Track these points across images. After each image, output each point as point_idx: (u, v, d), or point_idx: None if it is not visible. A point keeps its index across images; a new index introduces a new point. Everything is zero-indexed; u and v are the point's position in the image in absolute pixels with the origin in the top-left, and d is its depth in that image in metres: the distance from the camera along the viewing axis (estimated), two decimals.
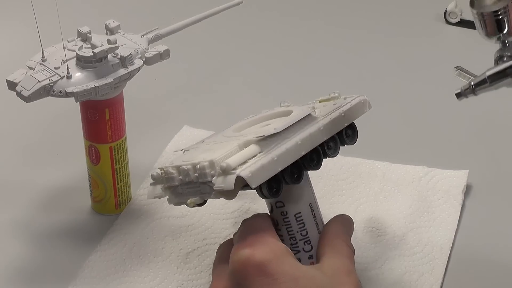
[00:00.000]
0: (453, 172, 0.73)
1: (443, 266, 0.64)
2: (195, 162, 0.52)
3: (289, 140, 0.53)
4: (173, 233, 0.66)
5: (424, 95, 0.89)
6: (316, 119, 0.56)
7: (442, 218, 0.68)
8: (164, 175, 0.54)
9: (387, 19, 1.05)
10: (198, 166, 0.52)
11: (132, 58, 0.62)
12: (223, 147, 0.54)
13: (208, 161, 0.52)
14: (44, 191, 0.72)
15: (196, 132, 0.79)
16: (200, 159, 0.53)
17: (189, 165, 0.53)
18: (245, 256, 0.50)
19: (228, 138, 0.58)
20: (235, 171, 0.50)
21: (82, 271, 0.63)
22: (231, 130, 0.61)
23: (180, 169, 0.53)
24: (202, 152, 0.55)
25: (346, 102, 0.58)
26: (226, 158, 0.52)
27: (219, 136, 0.60)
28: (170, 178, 0.54)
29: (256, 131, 0.57)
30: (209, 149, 0.56)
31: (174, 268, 0.63)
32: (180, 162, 0.54)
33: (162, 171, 0.55)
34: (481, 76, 0.62)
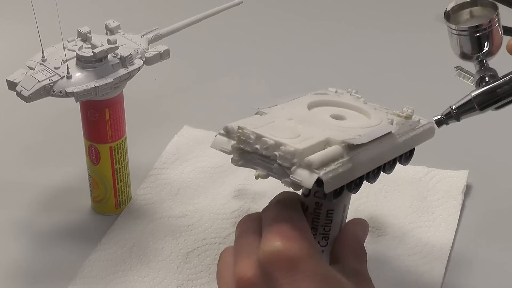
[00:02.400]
0: (453, 172, 0.74)
1: (443, 266, 0.64)
2: (280, 142, 0.50)
3: (367, 152, 0.52)
4: (173, 233, 0.67)
5: (424, 95, 0.89)
6: (393, 137, 0.55)
7: (442, 218, 0.68)
8: (241, 137, 0.51)
9: (387, 19, 1.05)
10: (284, 148, 0.49)
11: (132, 58, 0.62)
12: (307, 133, 0.52)
13: (294, 148, 0.49)
14: (44, 191, 0.72)
15: (196, 132, 0.79)
16: (285, 138, 0.50)
17: (273, 141, 0.50)
18: (279, 248, 0.48)
19: (307, 120, 0.55)
20: (318, 171, 0.49)
21: (82, 271, 0.63)
22: (305, 105, 0.57)
23: (262, 140, 0.50)
24: (286, 129, 0.52)
25: (419, 125, 0.58)
26: (311, 152, 0.50)
27: (293, 107, 0.57)
28: (247, 142, 0.51)
29: (335, 124, 0.55)
30: (292, 128, 0.52)
31: (174, 267, 0.63)
32: (263, 132, 0.50)
33: (241, 131, 0.51)
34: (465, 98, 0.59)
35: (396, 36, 1.01)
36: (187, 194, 0.71)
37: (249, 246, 0.51)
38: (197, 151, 0.76)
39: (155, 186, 0.72)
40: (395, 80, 0.92)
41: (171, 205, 0.70)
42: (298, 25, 1.03)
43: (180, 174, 0.74)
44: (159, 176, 0.73)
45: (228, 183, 0.72)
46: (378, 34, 1.02)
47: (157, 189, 0.72)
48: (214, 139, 0.52)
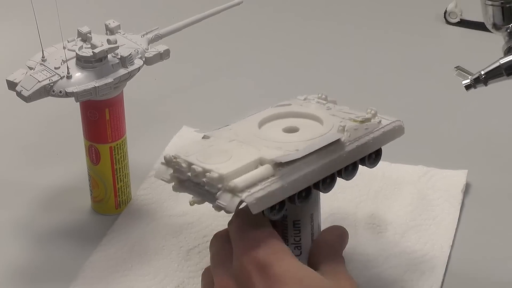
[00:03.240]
0: (452, 171, 0.74)
1: (443, 264, 0.64)
2: (206, 168, 0.51)
3: (307, 165, 0.52)
4: (173, 231, 0.67)
5: (423, 95, 0.89)
6: (343, 145, 0.54)
7: (442, 217, 0.69)
8: (175, 165, 0.53)
9: (387, 19, 1.05)
10: (209, 174, 0.50)
11: (132, 58, 0.62)
12: (240, 154, 0.52)
13: (218, 174, 0.50)
14: (44, 191, 0.72)
15: (195, 133, 0.79)
16: (213, 164, 0.51)
17: (200, 168, 0.51)
18: (249, 259, 0.50)
19: (248, 139, 0.55)
20: (241, 194, 0.49)
21: (83, 271, 0.63)
22: (256, 122, 0.58)
23: (192, 168, 0.52)
24: (219, 153, 0.53)
25: (379, 127, 0.57)
26: (238, 175, 0.50)
27: (242, 126, 0.57)
28: (180, 171, 0.53)
29: (278, 140, 0.55)
30: (226, 151, 0.53)
31: (175, 266, 0.63)
32: (194, 159, 0.52)
33: (175, 160, 0.53)
34: (494, 65, 0.61)
35: (396, 36, 1.01)
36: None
37: (223, 265, 0.52)
38: None
39: (155, 187, 0.72)
40: (395, 80, 0.92)
41: (171, 204, 0.70)
42: (298, 26, 1.04)
43: None
44: None
45: None
46: (378, 34, 1.02)
47: (157, 190, 0.71)
48: (157, 169, 0.54)
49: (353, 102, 0.66)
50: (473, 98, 0.88)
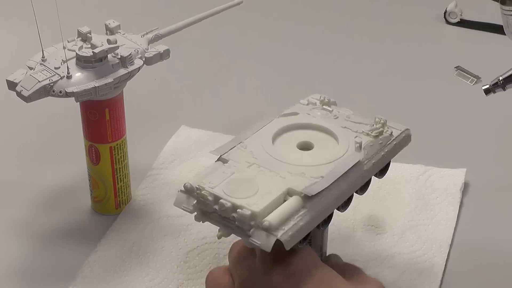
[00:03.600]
0: (450, 170, 0.74)
1: (442, 263, 0.64)
2: (237, 204, 0.49)
3: (331, 191, 0.51)
4: (172, 232, 0.66)
5: (423, 94, 0.89)
6: (361, 164, 0.54)
7: (441, 216, 0.69)
8: (199, 197, 0.51)
9: (387, 19, 1.05)
10: (240, 212, 0.49)
11: (132, 58, 0.62)
12: (266, 185, 0.51)
13: (250, 211, 0.49)
14: (44, 191, 0.72)
15: (193, 132, 0.79)
16: (242, 199, 0.50)
17: (230, 204, 0.50)
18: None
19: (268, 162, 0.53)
20: (276, 233, 0.48)
21: (82, 272, 0.63)
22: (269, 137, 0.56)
23: (220, 203, 0.50)
24: (244, 184, 0.51)
25: (391, 139, 0.56)
26: (269, 211, 0.49)
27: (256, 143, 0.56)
28: (205, 203, 0.51)
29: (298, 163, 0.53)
30: (251, 181, 0.52)
31: (174, 267, 0.63)
32: (221, 193, 0.50)
33: (199, 192, 0.51)
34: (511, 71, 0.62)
35: (396, 36, 1.01)
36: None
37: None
38: (195, 151, 0.76)
39: (153, 187, 0.72)
40: (395, 80, 0.92)
41: (170, 205, 0.69)
42: (298, 26, 1.03)
43: (179, 174, 0.73)
44: (158, 176, 0.73)
45: None
46: (378, 34, 1.02)
47: (156, 190, 0.71)
48: (176, 196, 0.52)
49: (353, 102, 0.66)
50: (471, 98, 0.88)
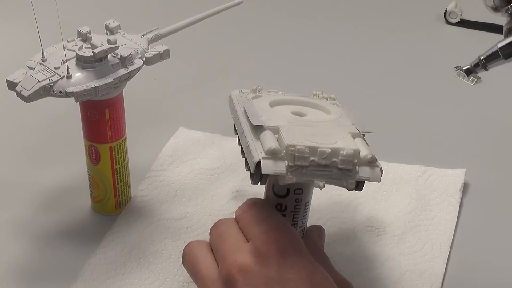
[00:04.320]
0: (450, 171, 0.74)
1: (443, 264, 0.64)
2: (336, 147, 0.52)
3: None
4: (172, 235, 0.66)
5: (423, 94, 0.89)
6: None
7: (441, 217, 0.69)
8: (294, 153, 0.51)
9: (387, 19, 1.05)
10: (344, 153, 0.52)
11: (132, 58, 0.62)
12: (337, 134, 0.55)
13: (353, 149, 0.52)
14: (44, 191, 0.72)
15: (192, 133, 0.79)
16: (333, 144, 0.52)
17: (329, 149, 0.52)
18: (268, 242, 0.51)
19: (297, 118, 0.58)
20: (377, 163, 0.52)
21: (82, 275, 0.63)
22: (267, 103, 0.61)
23: (319, 151, 0.52)
24: (322, 135, 0.54)
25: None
26: (361, 149, 0.53)
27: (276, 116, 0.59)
28: (303, 158, 0.52)
29: (318, 119, 0.59)
30: (322, 131, 0.55)
31: (175, 270, 0.63)
32: (311, 143, 0.52)
33: (293, 148, 0.51)
34: (492, 49, 0.62)
35: (396, 36, 1.01)
36: (185, 196, 0.71)
37: (235, 240, 0.53)
38: (194, 153, 0.76)
39: (152, 188, 0.72)
40: (395, 80, 0.92)
41: (170, 207, 0.70)
42: (298, 26, 1.04)
43: (178, 175, 0.73)
44: (157, 178, 0.73)
45: (226, 185, 0.72)
46: (378, 34, 1.02)
47: (155, 191, 0.71)
48: (262, 163, 0.52)
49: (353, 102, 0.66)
50: (471, 98, 0.88)
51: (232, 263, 0.51)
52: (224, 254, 0.53)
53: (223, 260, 0.52)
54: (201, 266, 0.54)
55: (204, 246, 0.56)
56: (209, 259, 0.54)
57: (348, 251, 0.65)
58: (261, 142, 0.53)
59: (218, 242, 0.55)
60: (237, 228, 0.55)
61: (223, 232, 0.55)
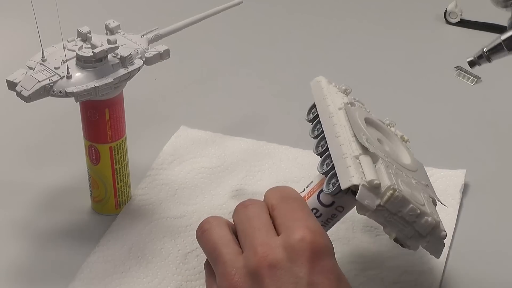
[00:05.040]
0: (450, 171, 0.74)
1: (442, 265, 0.64)
2: (424, 211, 0.53)
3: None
4: (171, 233, 0.66)
5: (423, 94, 0.89)
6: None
7: (440, 217, 0.68)
8: (390, 197, 0.51)
9: (387, 19, 1.05)
10: (429, 220, 0.53)
11: (132, 58, 0.62)
12: (420, 196, 0.55)
13: (435, 221, 0.53)
14: (44, 191, 0.72)
15: (193, 132, 0.79)
16: (422, 205, 0.53)
17: (419, 211, 0.52)
18: (309, 239, 0.50)
19: (394, 163, 0.57)
20: (444, 243, 0.56)
21: (80, 273, 0.63)
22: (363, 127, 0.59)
23: (410, 207, 0.52)
24: (416, 193, 0.54)
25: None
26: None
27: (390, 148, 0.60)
28: (393, 204, 0.52)
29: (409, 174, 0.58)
30: (417, 189, 0.56)
31: (173, 268, 0.63)
32: (407, 195, 0.52)
33: (392, 192, 0.51)
34: (496, 41, 0.61)
35: (396, 36, 1.01)
36: (185, 194, 0.71)
37: (266, 230, 0.51)
38: (195, 152, 0.76)
39: (152, 187, 0.72)
40: (395, 80, 0.92)
41: (169, 205, 0.70)
42: (298, 26, 1.04)
43: (178, 174, 0.73)
44: (157, 176, 0.73)
45: (226, 183, 0.72)
46: (378, 34, 1.02)
47: (155, 190, 0.71)
48: (360, 190, 0.51)
49: None
50: (471, 98, 0.88)
51: (263, 256, 0.49)
52: (254, 244, 0.50)
53: (252, 250, 0.50)
54: (224, 251, 0.51)
55: (225, 225, 0.53)
56: (232, 243, 0.52)
57: (347, 251, 0.65)
58: (362, 165, 0.53)
59: (247, 226, 0.52)
60: (268, 215, 0.53)
61: (253, 216, 0.53)
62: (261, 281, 0.48)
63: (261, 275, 0.48)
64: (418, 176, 0.59)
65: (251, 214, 0.53)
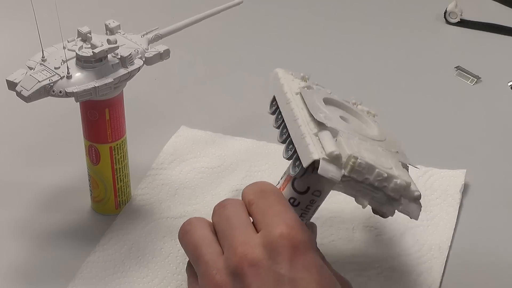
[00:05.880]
0: (450, 171, 0.74)
1: (441, 265, 0.64)
2: (392, 174, 0.52)
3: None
4: (171, 233, 0.66)
5: (423, 95, 0.89)
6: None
7: (440, 217, 0.68)
8: (354, 167, 0.51)
9: (387, 19, 1.05)
10: (398, 181, 0.52)
11: (132, 58, 0.62)
12: (389, 161, 0.54)
13: (406, 182, 0.52)
14: (44, 191, 0.72)
15: (193, 132, 0.79)
16: (389, 169, 0.52)
17: (386, 174, 0.52)
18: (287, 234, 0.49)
19: (357, 133, 0.56)
20: (420, 203, 0.54)
21: (80, 272, 0.63)
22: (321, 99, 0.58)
23: (376, 172, 0.52)
24: (381, 157, 0.54)
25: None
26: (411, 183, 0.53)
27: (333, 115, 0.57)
28: (359, 172, 0.52)
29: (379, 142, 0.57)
30: (381, 154, 0.55)
31: (173, 268, 0.63)
32: (374, 162, 0.52)
33: (354, 160, 0.51)
34: None
35: (396, 36, 1.01)
36: (185, 194, 0.71)
37: (245, 228, 0.51)
38: (195, 152, 0.76)
39: (153, 187, 0.72)
40: (395, 81, 0.92)
41: (169, 205, 0.70)
42: (298, 26, 1.04)
43: (178, 174, 0.73)
44: (157, 176, 0.73)
45: (226, 183, 0.72)
46: (378, 34, 1.02)
47: (155, 190, 0.71)
48: (321, 164, 0.51)
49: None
50: (472, 98, 0.88)
51: (243, 255, 0.49)
52: (234, 243, 0.50)
53: (232, 250, 0.50)
54: (205, 251, 0.51)
55: (206, 226, 0.53)
56: (213, 243, 0.52)
57: (347, 251, 0.65)
58: (321, 141, 0.52)
59: (226, 227, 0.52)
60: (246, 213, 0.53)
61: (231, 216, 0.53)
62: (243, 280, 0.48)
63: (243, 274, 0.49)
64: (386, 145, 0.58)
65: (229, 214, 0.53)
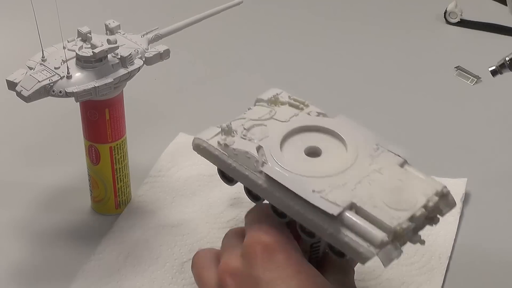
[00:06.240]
0: (451, 180, 0.72)
1: (441, 276, 0.63)
2: (423, 205, 0.52)
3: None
4: (168, 242, 0.66)
5: (423, 95, 0.89)
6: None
7: (441, 227, 0.67)
8: (401, 235, 0.51)
9: (387, 19, 1.05)
10: (431, 204, 0.52)
11: (132, 58, 0.62)
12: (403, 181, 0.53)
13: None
14: (44, 191, 0.72)
15: (191, 139, 0.79)
16: (416, 203, 0.52)
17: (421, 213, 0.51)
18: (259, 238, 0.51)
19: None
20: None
21: (76, 281, 0.62)
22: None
23: (416, 218, 0.51)
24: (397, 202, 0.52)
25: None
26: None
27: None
28: (404, 236, 0.51)
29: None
30: (398, 195, 0.52)
31: (169, 278, 0.63)
32: (408, 216, 0.50)
33: (400, 229, 0.50)
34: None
35: (395, 36, 1.01)
36: (182, 202, 0.70)
37: (232, 246, 0.54)
38: (193, 159, 0.75)
39: (150, 194, 0.71)
40: (395, 81, 0.92)
41: (167, 213, 0.69)
42: (298, 27, 1.03)
43: (176, 182, 0.73)
44: (155, 184, 0.72)
45: (224, 192, 0.71)
46: (378, 34, 1.02)
47: (152, 197, 0.71)
48: (384, 254, 0.51)
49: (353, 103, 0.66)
50: (472, 98, 0.88)
51: (225, 267, 0.52)
52: (220, 261, 0.53)
53: (219, 266, 0.53)
54: (204, 275, 0.55)
55: (210, 255, 0.56)
56: (213, 267, 0.55)
57: None
58: (356, 229, 0.50)
59: (221, 250, 0.55)
60: (240, 237, 0.54)
61: (228, 241, 0.56)
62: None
63: (225, 285, 0.51)
64: (361, 164, 0.53)
65: (226, 239, 0.56)
